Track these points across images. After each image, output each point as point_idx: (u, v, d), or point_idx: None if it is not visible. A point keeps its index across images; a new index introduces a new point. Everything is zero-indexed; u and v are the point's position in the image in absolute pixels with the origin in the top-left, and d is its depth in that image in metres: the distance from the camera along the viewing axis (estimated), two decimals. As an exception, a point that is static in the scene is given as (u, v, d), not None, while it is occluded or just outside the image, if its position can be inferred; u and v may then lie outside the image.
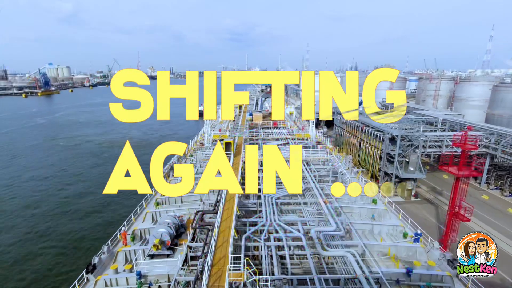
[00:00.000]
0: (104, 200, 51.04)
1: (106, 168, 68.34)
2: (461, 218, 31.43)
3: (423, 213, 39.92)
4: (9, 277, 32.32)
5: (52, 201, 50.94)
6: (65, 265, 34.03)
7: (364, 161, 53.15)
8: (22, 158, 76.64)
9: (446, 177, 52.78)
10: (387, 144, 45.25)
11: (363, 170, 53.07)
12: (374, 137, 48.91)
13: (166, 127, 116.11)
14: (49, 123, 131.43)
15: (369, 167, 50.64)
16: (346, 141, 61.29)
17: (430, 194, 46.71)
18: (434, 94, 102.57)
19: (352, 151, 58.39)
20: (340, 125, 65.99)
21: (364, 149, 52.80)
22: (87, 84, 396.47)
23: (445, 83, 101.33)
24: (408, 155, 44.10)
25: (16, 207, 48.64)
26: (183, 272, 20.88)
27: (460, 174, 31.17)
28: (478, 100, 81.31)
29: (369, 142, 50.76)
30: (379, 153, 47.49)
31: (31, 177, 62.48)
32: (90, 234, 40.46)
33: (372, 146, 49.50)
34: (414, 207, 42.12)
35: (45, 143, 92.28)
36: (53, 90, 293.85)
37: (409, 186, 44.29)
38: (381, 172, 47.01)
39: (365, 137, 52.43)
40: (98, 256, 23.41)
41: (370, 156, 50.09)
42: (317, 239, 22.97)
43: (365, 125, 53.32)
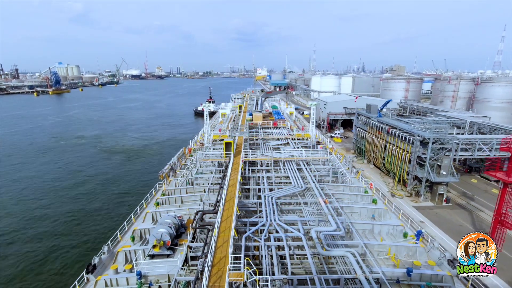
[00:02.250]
0: (104, 200, 51.06)
1: (107, 169, 68.38)
2: (508, 226, 29.24)
3: (457, 219, 38.00)
4: (9, 277, 32.33)
5: (53, 201, 50.94)
6: (65, 265, 34.03)
7: (390, 164, 50.97)
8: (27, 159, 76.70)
9: (475, 181, 50.33)
10: (418, 147, 43.24)
11: (389, 173, 51.92)
12: (403, 139, 46.82)
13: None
14: (68, 120, 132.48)
15: (396, 170, 48.55)
16: (369, 143, 58.93)
17: (461, 199, 44.53)
18: (452, 95, 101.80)
19: (376, 154, 56.26)
20: (362, 127, 63.25)
21: (391, 152, 50.48)
22: (97, 83, 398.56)
23: (464, 84, 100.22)
24: (440, 159, 42.22)
25: (16, 206, 48.66)
26: (183, 272, 20.91)
27: (510, 180, 29.04)
28: (500, 102, 79.72)
29: (397, 144, 48.56)
30: (408, 156, 45.43)
31: (32, 177, 62.51)
32: (90, 234, 40.46)
33: (401, 149, 47.40)
34: (447, 212, 40.16)
35: (49, 143, 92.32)
36: (63, 89, 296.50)
37: (440, 190, 42.45)
38: (410, 175, 45.03)
39: (392, 139, 50.07)
40: (98, 256, 23.44)
41: (398, 159, 47.96)
42: (317, 239, 22.97)
43: (392, 127, 50.90)
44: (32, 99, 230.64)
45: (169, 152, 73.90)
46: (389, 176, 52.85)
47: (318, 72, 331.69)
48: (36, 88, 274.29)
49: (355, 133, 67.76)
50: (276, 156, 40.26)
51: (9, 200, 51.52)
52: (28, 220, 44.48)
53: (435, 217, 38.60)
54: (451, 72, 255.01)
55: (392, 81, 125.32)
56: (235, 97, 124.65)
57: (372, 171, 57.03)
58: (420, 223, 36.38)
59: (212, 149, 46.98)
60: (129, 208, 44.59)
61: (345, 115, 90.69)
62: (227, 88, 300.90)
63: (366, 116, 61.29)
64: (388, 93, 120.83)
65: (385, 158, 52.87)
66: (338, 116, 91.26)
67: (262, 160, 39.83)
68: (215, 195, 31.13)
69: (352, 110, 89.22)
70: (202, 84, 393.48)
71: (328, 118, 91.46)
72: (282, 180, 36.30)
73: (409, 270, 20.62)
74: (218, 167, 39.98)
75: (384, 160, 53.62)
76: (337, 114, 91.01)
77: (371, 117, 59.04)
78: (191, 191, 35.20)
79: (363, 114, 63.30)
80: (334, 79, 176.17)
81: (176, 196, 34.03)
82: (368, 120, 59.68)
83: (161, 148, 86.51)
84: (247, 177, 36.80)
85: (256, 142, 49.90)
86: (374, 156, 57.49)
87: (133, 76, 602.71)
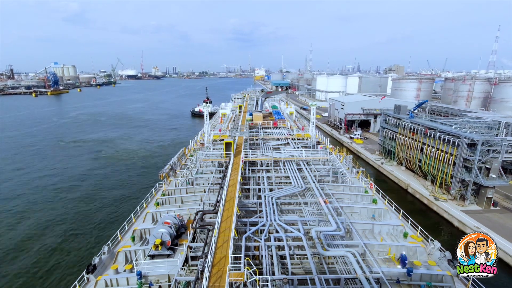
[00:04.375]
0: (105, 200, 51.05)
1: (109, 168, 68.39)
2: None
3: (510, 224, 37.01)
4: (9, 277, 32.32)
5: (53, 201, 50.93)
6: (65, 265, 34.02)
7: (428, 167, 49.33)
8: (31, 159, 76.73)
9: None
10: (464, 149, 41.69)
11: (426, 176, 50.84)
12: (445, 141, 45.34)
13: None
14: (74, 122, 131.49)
15: (437, 174, 47.03)
16: (400, 144, 57.54)
17: (506, 202, 43.21)
18: (467, 96, 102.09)
19: (409, 156, 54.78)
20: (390, 128, 61.73)
21: (429, 154, 48.86)
22: (94, 83, 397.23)
23: (480, 84, 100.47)
24: (489, 161, 40.84)
25: (16, 206, 48.66)
26: (184, 272, 20.92)
27: None
28: (519, 102, 78.82)
29: (437, 146, 47.12)
30: (452, 159, 43.76)
31: (34, 177, 62.52)
32: (91, 234, 40.46)
33: (442, 151, 45.82)
34: (498, 217, 38.98)
35: (52, 143, 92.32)
36: (61, 89, 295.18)
37: (489, 194, 41.22)
38: (455, 179, 43.53)
39: (431, 141, 48.50)
40: (98, 256, 23.44)
41: (439, 161, 46.25)
42: (318, 239, 22.98)
43: (429, 129, 49.35)
44: (31, 99, 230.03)
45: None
46: (426, 178, 51.49)
47: (314, 72, 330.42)
48: (34, 88, 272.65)
49: (381, 134, 66.63)
50: (276, 156, 40.26)
51: (9, 199, 51.51)
52: (28, 220, 44.47)
53: (488, 222, 37.99)
54: (447, 72, 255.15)
55: (404, 81, 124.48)
56: (235, 97, 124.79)
57: (405, 173, 56.26)
58: (475, 228, 35.67)
59: (212, 149, 47.00)
60: (129, 208, 44.60)
61: (362, 115, 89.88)
62: (227, 89, 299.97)
63: (396, 117, 59.99)
64: (399, 93, 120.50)
65: (422, 161, 51.30)
66: (356, 117, 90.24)
67: (262, 160, 39.84)
68: (215, 195, 31.13)
69: (370, 110, 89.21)
70: (202, 84, 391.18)
71: (346, 118, 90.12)
72: (282, 180, 36.30)
73: (409, 270, 20.63)
74: (218, 167, 39.98)
75: (420, 163, 52.04)
76: (355, 115, 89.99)
77: (402, 118, 57.79)
78: (191, 191, 35.20)
79: (391, 115, 62.00)
80: (340, 79, 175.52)
81: (176, 196, 34.04)
82: (399, 121, 58.30)
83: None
84: (247, 177, 36.81)
85: (256, 142, 49.91)
86: (407, 158, 56.05)
87: (129, 76, 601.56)
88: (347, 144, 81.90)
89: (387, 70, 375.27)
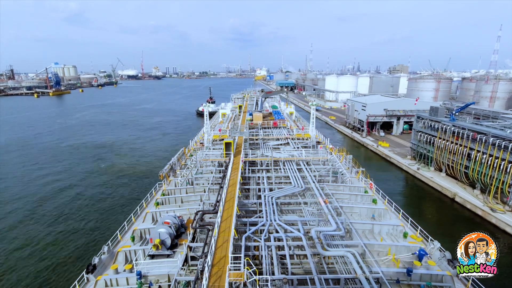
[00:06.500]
0: (105, 200, 51.04)
1: (109, 169, 68.40)
2: None
3: None
4: (9, 277, 32.31)
5: (53, 201, 50.93)
6: (65, 265, 34.01)
7: (478, 174, 46.17)
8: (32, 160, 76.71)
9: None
10: None
11: (474, 184, 47.49)
12: (500, 147, 42.35)
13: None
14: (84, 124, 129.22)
15: (490, 182, 44.03)
16: (440, 149, 54.42)
17: None
18: (491, 96, 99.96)
19: (453, 161, 51.51)
20: (427, 131, 58.71)
21: (479, 161, 45.56)
22: (95, 84, 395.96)
23: (504, 84, 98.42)
24: None
25: (16, 206, 48.67)
26: (183, 272, 20.92)
27: None
28: (549, 102, 74.98)
29: (489, 152, 44.15)
30: (511, 167, 40.95)
31: (36, 177, 62.55)
32: (90, 234, 40.46)
33: (497, 158, 42.66)
34: None
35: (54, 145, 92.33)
36: (63, 90, 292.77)
37: None
38: None
39: (482, 146, 45.41)
40: (98, 256, 23.43)
41: (495, 169, 43.02)
42: (317, 239, 22.99)
43: (479, 133, 46.22)
44: (34, 100, 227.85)
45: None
46: (473, 187, 48.32)
47: (314, 72, 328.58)
48: (35, 89, 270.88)
49: (414, 137, 63.47)
50: (276, 156, 40.26)
51: (9, 199, 51.52)
52: (28, 220, 44.47)
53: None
54: (449, 72, 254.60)
55: (421, 81, 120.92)
56: (235, 97, 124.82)
57: (446, 180, 52.82)
58: None
59: (212, 149, 47.00)
60: (129, 208, 44.60)
61: (385, 117, 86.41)
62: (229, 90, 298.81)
63: (433, 119, 57.35)
64: (416, 94, 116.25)
65: (469, 167, 48.01)
66: (378, 118, 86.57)
67: (262, 160, 39.84)
68: (215, 195, 31.13)
69: (393, 111, 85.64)
70: (204, 84, 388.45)
71: (368, 120, 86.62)
72: (282, 180, 36.31)
73: (409, 270, 20.63)
74: (218, 167, 39.97)
75: (466, 169, 48.83)
76: (377, 116, 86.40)
77: (442, 121, 55.00)
78: (191, 191, 35.20)
79: (426, 117, 59.42)
80: (351, 79, 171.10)
81: (176, 196, 34.05)
82: (437, 124, 55.58)
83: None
84: (247, 177, 36.81)
85: (256, 142, 49.92)
86: (449, 164, 52.73)
87: (130, 76, 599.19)
88: (373, 148, 76.76)
89: (391, 70, 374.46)
